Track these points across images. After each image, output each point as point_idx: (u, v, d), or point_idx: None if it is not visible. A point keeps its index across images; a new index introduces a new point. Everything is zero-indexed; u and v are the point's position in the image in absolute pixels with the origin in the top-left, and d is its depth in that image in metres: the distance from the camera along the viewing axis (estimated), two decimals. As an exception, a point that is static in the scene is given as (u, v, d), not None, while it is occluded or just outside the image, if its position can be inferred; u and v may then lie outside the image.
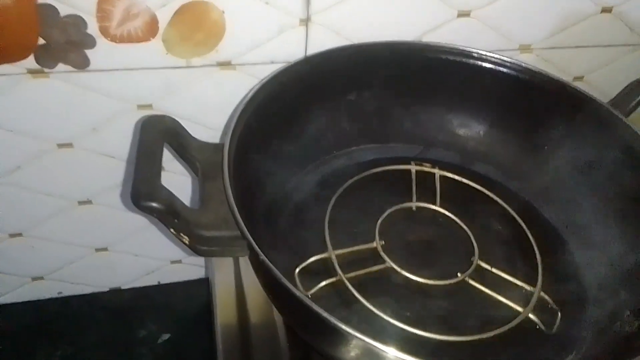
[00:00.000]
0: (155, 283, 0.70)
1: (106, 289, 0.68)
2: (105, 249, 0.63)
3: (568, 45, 0.58)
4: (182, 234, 0.33)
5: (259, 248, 0.34)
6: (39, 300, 0.66)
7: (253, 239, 0.34)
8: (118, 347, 0.65)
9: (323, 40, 0.51)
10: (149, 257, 0.66)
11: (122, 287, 0.69)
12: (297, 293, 0.30)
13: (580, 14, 0.56)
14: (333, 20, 0.50)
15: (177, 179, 0.58)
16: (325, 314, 0.29)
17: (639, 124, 0.56)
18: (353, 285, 0.40)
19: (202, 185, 0.37)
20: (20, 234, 0.59)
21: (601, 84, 0.63)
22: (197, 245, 0.34)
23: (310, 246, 0.43)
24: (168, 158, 0.48)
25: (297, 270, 0.41)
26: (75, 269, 0.64)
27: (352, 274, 0.41)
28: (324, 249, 0.42)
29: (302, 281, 0.40)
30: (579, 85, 0.61)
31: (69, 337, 0.65)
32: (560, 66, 0.60)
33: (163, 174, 0.34)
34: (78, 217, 0.59)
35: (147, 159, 0.34)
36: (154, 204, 0.31)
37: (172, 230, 0.33)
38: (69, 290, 0.66)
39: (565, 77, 0.61)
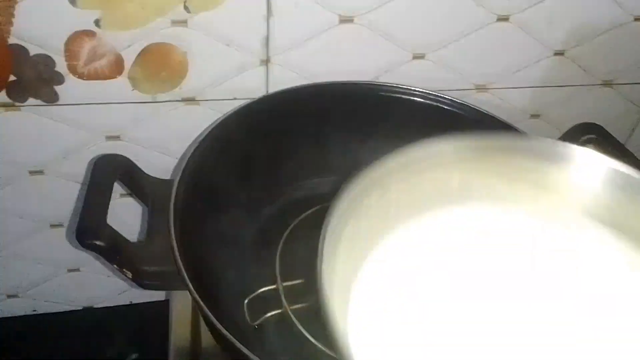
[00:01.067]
0: (127, 302, 0.72)
1: (80, 308, 0.70)
2: (77, 269, 0.66)
3: (522, 86, 0.61)
4: (124, 269, 0.35)
5: (209, 278, 0.36)
6: (14, 317, 0.68)
7: (199, 272, 0.37)
8: (87, 366, 0.67)
9: (284, 80, 0.54)
10: (121, 277, 0.68)
11: (95, 306, 0.71)
12: (224, 331, 0.32)
13: (533, 57, 0.59)
14: (292, 60, 0.53)
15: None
16: (243, 350, 0.31)
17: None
18: (297, 317, 0.42)
19: (150, 219, 0.40)
20: (-6, 254, 0.61)
21: (557, 121, 0.65)
22: (140, 280, 0.36)
23: (262, 276, 0.45)
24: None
25: (246, 300, 0.43)
26: (49, 287, 0.67)
27: (298, 306, 0.43)
28: (275, 280, 0.44)
29: (252, 311, 0.42)
30: (535, 122, 0.65)
31: (41, 354, 0.67)
32: (515, 105, 0.63)
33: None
34: (50, 238, 0.61)
35: (95, 197, 0.36)
36: (97, 242, 0.34)
37: (115, 265, 0.35)
38: (44, 307, 0.69)
39: (522, 115, 0.64)
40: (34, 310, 0.69)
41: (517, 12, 0.55)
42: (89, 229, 0.34)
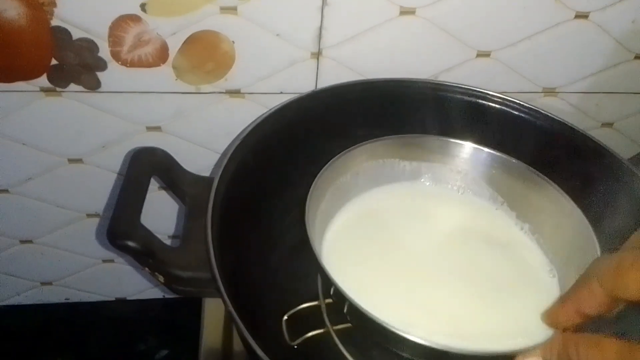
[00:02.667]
0: (161, 297, 0.70)
1: (112, 299, 0.69)
2: (112, 261, 0.64)
3: (596, 91, 0.55)
4: (157, 273, 0.33)
5: (245, 288, 0.33)
6: (46, 304, 0.68)
7: (236, 283, 0.34)
8: (117, 358, 0.65)
9: (335, 74, 0.50)
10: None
11: (128, 298, 0.69)
12: (259, 352, 0.29)
13: (611, 60, 0.53)
14: (345, 55, 0.49)
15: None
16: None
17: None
18: (341, 339, 0.38)
19: (186, 222, 0.37)
20: (30, 241, 0.60)
21: (633, 131, 0.59)
22: (173, 285, 0.34)
23: (302, 292, 0.42)
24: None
25: (286, 317, 0.39)
26: (83, 277, 0.66)
27: (342, 326, 0.39)
28: (316, 296, 0.41)
29: (291, 329, 0.39)
30: (607, 131, 0.59)
31: (71, 343, 0.66)
32: (587, 111, 0.57)
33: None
34: (86, 228, 0.60)
35: (129, 195, 0.33)
36: (129, 243, 0.31)
37: (147, 269, 0.32)
38: (76, 296, 0.68)
39: (593, 123, 0.58)
40: (67, 299, 0.68)
41: (597, 9, 0.49)
42: (121, 230, 0.32)
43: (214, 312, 0.51)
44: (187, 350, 0.66)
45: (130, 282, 0.68)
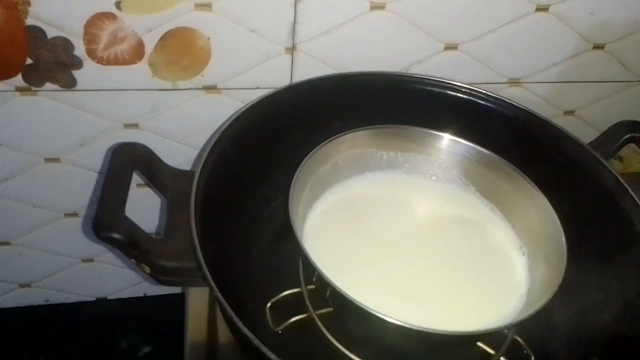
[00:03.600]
0: (141, 295, 0.70)
1: (93, 299, 0.69)
2: (91, 260, 0.64)
3: (558, 80, 0.58)
4: (142, 264, 0.33)
5: (229, 277, 0.34)
6: (26, 307, 0.67)
7: (220, 272, 0.35)
8: (99, 357, 0.65)
9: (309, 68, 0.51)
10: (135, 269, 0.67)
11: (108, 297, 0.69)
12: (247, 332, 0.30)
13: (570, 50, 0.56)
14: (319, 49, 0.50)
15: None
16: (270, 355, 0.29)
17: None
18: (324, 323, 0.40)
19: (169, 214, 0.38)
20: (7, 242, 0.60)
21: (593, 119, 0.62)
22: (158, 275, 0.34)
23: (285, 279, 0.43)
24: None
25: (269, 304, 0.40)
26: (62, 277, 0.65)
27: (324, 310, 0.40)
28: (297, 284, 0.42)
29: (275, 315, 0.40)
30: (569, 119, 0.62)
31: (53, 345, 0.66)
32: (550, 100, 0.60)
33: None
34: (64, 228, 0.60)
35: (112, 188, 0.34)
36: (114, 235, 0.32)
37: (132, 260, 0.33)
38: (56, 298, 0.67)
39: (555, 111, 0.61)
40: (47, 301, 0.68)
41: (557, 2, 0.52)
42: (106, 222, 0.32)
43: (198, 305, 0.52)
44: (170, 345, 0.66)
45: (110, 281, 0.68)
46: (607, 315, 0.43)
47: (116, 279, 0.67)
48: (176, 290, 0.70)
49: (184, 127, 0.54)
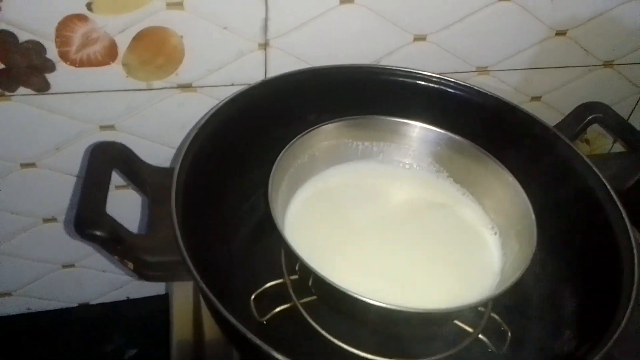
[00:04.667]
0: (124, 298, 0.70)
1: (75, 305, 0.69)
2: (72, 265, 0.64)
3: (523, 67, 0.60)
4: (126, 260, 0.34)
5: (213, 271, 0.35)
6: (7, 316, 0.66)
7: (203, 264, 0.35)
8: (85, 362, 0.65)
9: (282, 64, 0.52)
10: (117, 273, 0.66)
11: (91, 303, 0.69)
12: (232, 320, 0.31)
13: (534, 37, 0.58)
14: (291, 44, 0.51)
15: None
16: (256, 341, 0.30)
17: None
18: (308, 311, 0.41)
19: (150, 209, 0.38)
20: (-15, 251, 0.59)
21: (559, 103, 0.65)
22: (142, 270, 0.35)
23: (268, 270, 0.44)
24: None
25: (253, 296, 0.41)
26: (43, 284, 0.65)
27: (308, 299, 0.41)
28: (280, 274, 0.43)
29: (259, 306, 0.41)
30: (536, 104, 0.64)
31: (37, 353, 0.65)
32: (517, 87, 0.62)
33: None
34: (43, 234, 0.59)
35: (92, 186, 0.34)
36: (97, 232, 0.32)
37: (116, 257, 0.33)
38: (38, 305, 0.67)
39: (523, 97, 0.63)
40: (28, 309, 0.67)
41: (519, -9, 0.54)
42: (88, 219, 0.33)
43: (182, 305, 0.52)
44: (156, 346, 0.66)
45: (92, 286, 0.67)
46: (578, 289, 0.45)
47: (98, 283, 0.67)
48: (160, 291, 0.71)
49: (160, 127, 0.54)
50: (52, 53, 0.46)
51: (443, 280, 0.40)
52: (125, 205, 0.58)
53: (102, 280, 0.67)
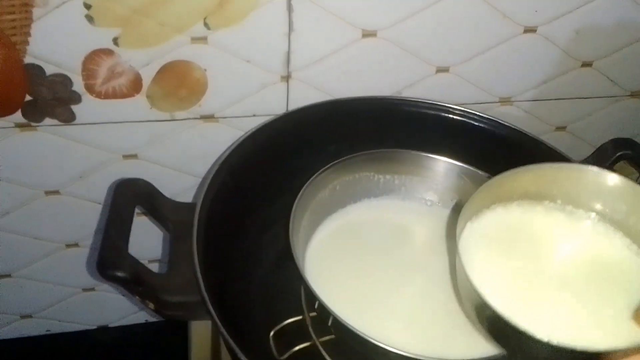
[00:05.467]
0: (143, 321, 0.70)
1: (94, 327, 0.69)
2: (92, 289, 0.65)
3: (548, 98, 0.59)
4: (147, 301, 0.34)
5: (232, 309, 0.35)
6: (27, 338, 0.67)
7: (223, 302, 0.35)
8: (103, 386, 0.65)
9: (304, 95, 0.52)
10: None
11: (110, 325, 0.69)
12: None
13: (560, 69, 0.57)
14: (313, 76, 0.51)
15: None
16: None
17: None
18: (327, 350, 0.40)
19: (172, 247, 0.38)
20: (8, 275, 0.60)
21: (585, 133, 0.63)
22: (163, 311, 0.35)
23: (287, 304, 0.43)
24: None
25: (272, 332, 0.41)
26: (64, 307, 0.65)
27: (327, 338, 0.40)
28: (300, 309, 0.42)
29: (278, 343, 0.40)
30: (561, 134, 0.63)
31: (55, 375, 0.66)
32: (541, 116, 0.61)
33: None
34: (65, 259, 0.60)
35: (115, 225, 0.35)
36: (119, 274, 0.32)
37: (137, 297, 0.33)
38: (58, 327, 0.67)
39: (547, 127, 0.62)
40: (48, 331, 0.67)
41: (543, 23, 0.53)
42: (110, 261, 0.33)
43: (201, 333, 0.52)
44: (172, 371, 0.66)
45: (111, 309, 0.68)
46: None
47: (117, 306, 0.67)
48: (178, 315, 0.71)
49: (182, 156, 0.54)
50: (78, 85, 0.47)
51: (467, 329, 0.39)
52: (145, 232, 0.59)
53: (121, 303, 0.67)
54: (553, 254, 0.40)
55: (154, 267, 0.64)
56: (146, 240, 0.60)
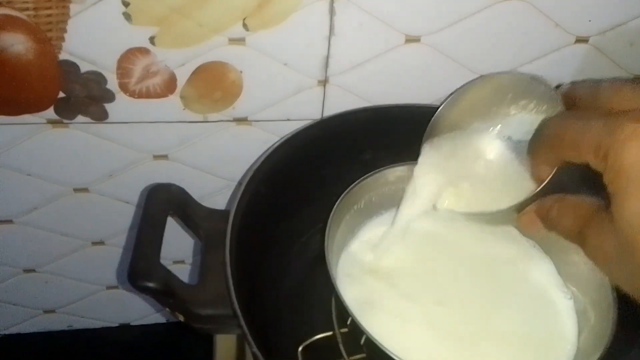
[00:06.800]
0: (164, 321, 0.70)
1: (116, 324, 0.69)
2: (116, 287, 0.64)
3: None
4: (177, 313, 0.33)
5: (263, 321, 0.33)
6: (49, 332, 0.67)
7: (253, 315, 0.34)
8: (122, 385, 0.65)
9: (341, 100, 0.51)
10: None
11: (131, 324, 0.69)
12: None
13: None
14: (351, 82, 0.50)
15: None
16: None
17: None
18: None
19: (203, 257, 0.37)
20: (33, 270, 0.60)
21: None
22: (193, 323, 0.34)
23: (317, 317, 0.42)
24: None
25: (301, 348, 0.39)
26: (86, 303, 0.65)
27: (359, 356, 0.39)
28: (330, 323, 0.41)
29: (307, 359, 0.39)
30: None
31: (75, 371, 0.65)
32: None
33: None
34: (91, 256, 0.60)
35: (148, 235, 0.33)
36: (150, 284, 0.31)
37: (167, 309, 0.32)
38: (79, 323, 0.67)
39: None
40: (70, 326, 0.67)
41: (597, 33, 0.50)
42: (142, 271, 0.32)
43: (226, 344, 0.51)
44: (193, 374, 0.66)
45: (133, 308, 0.67)
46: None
47: (140, 305, 0.67)
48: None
49: (213, 158, 0.53)
50: (112, 84, 0.46)
51: (512, 352, 0.37)
52: (170, 233, 0.58)
53: (144, 303, 0.66)
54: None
55: (179, 269, 0.63)
56: (172, 241, 0.59)
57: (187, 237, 0.60)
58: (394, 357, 0.32)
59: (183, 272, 0.64)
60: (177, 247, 0.60)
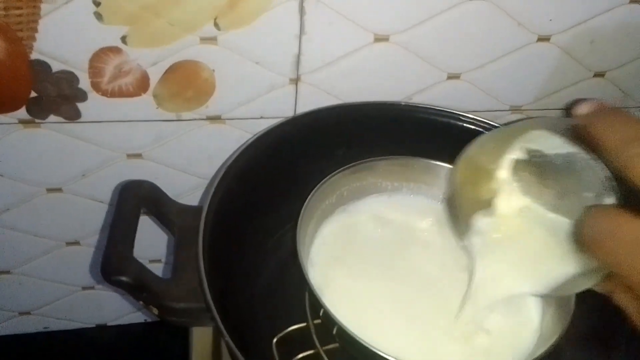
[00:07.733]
0: (142, 321, 0.70)
1: (92, 325, 0.68)
2: (92, 288, 0.64)
3: (559, 107, 0.58)
4: (151, 306, 0.33)
5: (235, 315, 0.34)
6: (25, 334, 0.66)
7: (227, 308, 0.34)
8: (100, 385, 0.65)
9: (313, 98, 0.52)
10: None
11: (108, 324, 0.69)
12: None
13: (571, 79, 0.56)
14: (322, 80, 0.51)
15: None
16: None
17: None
18: (330, 358, 0.39)
19: (176, 253, 0.38)
20: (8, 272, 0.59)
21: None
22: (167, 317, 0.34)
23: (291, 310, 0.43)
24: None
25: (275, 339, 0.40)
26: (62, 305, 0.65)
27: (332, 346, 0.40)
28: (304, 316, 0.41)
29: (282, 351, 0.40)
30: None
31: (52, 373, 0.65)
32: (551, 127, 0.60)
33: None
34: (66, 256, 0.59)
35: (120, 230, 0.34)
36: (124, 278, 0.32)
37: (141, 302, 0.33)
38: (55, 325, 0.67)
39: (557, 137, 0.61)
40: (46, 328, 0.67)
41: (559, 32, 0.52)
42: (115, 265, 0.32)
43: (202, 339, 0.51)
44: (170, 372, 0.66)
45: (110, 308, 0.67)
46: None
47: (117, 305, 0.67)
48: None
49: (187, 157, 0.53)
50: (84, 83, 0.46)
51: (482, 341, 0.38)
52: (146, 232, 0.58)
53: (121, 303, 0.66)
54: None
55: (156, 267, 0.63)
56: (148, 240, 0.59)
57: (164, 236, 0.60)
58: (366, 345, 0.33)
59: (160, 271, 0.64)
60: (154, 246, 0.60)
